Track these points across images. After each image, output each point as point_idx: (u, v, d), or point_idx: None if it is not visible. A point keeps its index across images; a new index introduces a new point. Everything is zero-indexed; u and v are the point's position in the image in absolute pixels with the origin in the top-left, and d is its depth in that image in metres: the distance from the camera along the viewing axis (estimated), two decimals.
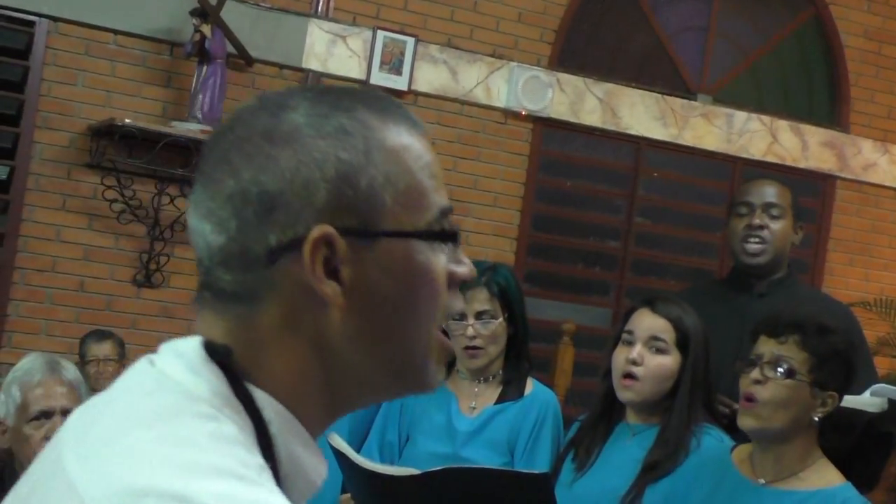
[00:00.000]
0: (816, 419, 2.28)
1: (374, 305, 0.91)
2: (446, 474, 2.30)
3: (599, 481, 2.58)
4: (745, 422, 2.31)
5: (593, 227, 6.08)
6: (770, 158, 6.19)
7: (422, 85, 5.51)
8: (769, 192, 3.13)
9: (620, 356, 2.61)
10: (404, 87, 5.44)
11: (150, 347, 3.58)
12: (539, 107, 5.72)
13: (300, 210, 0.88)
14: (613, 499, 2.51)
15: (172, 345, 0.92)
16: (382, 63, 5.43)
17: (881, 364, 5.40)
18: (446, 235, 0.94)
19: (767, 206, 3.09)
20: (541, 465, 2.67)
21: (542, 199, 5.89)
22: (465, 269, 0.96)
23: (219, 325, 0.91)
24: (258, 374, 0.89)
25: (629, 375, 2.59)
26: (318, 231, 0.88)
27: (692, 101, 6.09)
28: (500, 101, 5.66)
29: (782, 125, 6.24)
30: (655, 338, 2.60)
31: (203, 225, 0.91)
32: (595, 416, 2.69)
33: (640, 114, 5.96)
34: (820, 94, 6.43)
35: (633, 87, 5.96)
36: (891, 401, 2.68)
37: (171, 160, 4.86)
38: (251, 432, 0.86)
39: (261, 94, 0.96)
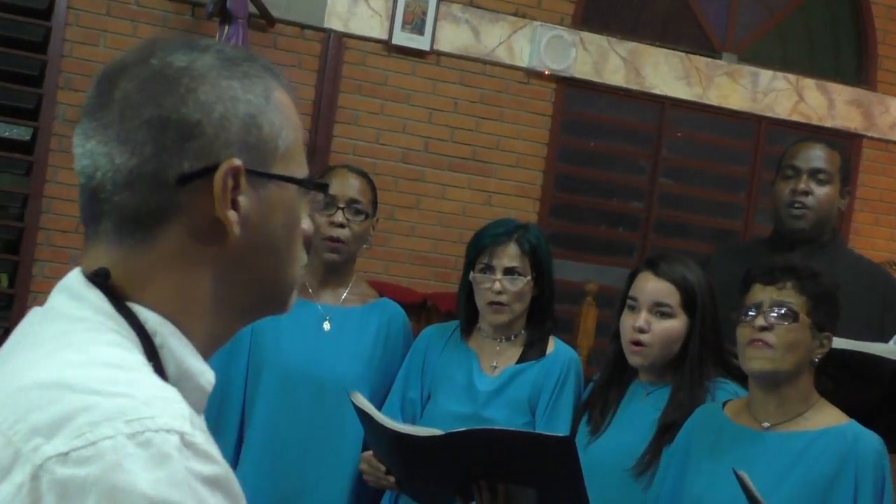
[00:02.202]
0: (816, 360, 2.32)
1: (260, 238, 1.00)
2: (469, 436, 2.30)
3: (615, 443, 2.58)
4: (756, 364, 2.32)
5: (616, 187, 6.05)
6: (796, 118, 6.12)
7: (444, 45, 5.47)
8: (817, 156, 3.07)
9: (627, 322, 2.60)
10: (426, 47, 5.41)
11: None
12: (562, 66, 5.67)
13: (214, 140, 0.96)
14: (630, 460, 2.51)
15: (56, 286, 1.00)
16: (405, 23, 5.40)
17: None
18: (320, 186, 1.08)
19: (814, 172, 3.05)
20: (562, 424, 2.67)
21: (564, 160, 5.86)
22: (308, 225, 1.07)
23: (108, 254, 0.97)
24: (144, 293, 0.96)
25: (637, 343, 2.57)
26: (230, 163, 0.96)
27: (717, 60, 6.03)
28: (523, 60, 5.62)
29: (808, 84, 6.17)
30: (659, 303, 2.58)
31: (109, 148, 0.96)
32: (606, 378, 2.69)
33: (664, 73, 5.90)
34: (846, 53, 6.35)
35: (657, 46, 5.90)
36: None
37: None
38: (136, 343, 0.94)
39: (162, 37, 1.05)
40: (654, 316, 2.57)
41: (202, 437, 0.86)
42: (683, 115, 6.04)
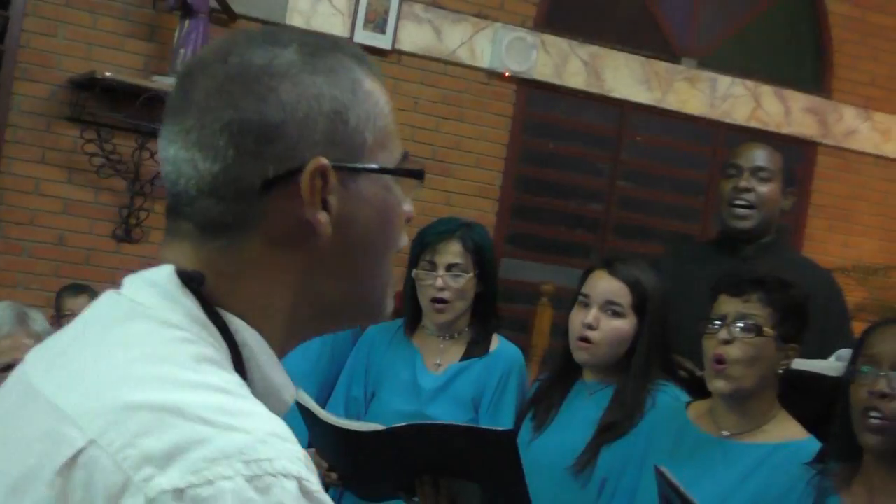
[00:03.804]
0: (780, 372, 2.31)
1: (354, 236, 0.95)
2: (411, 430, 2.31)
3: (557, 441, 2.60)
4: (718, 385, 2.32)
5: (576, 189, 6.09)
6: (753, 124, 6.19)
7: (406, 44, 5.49)
8: (758, 155, 3.12)
9: (577, 319, 2.61)
10: (388, 46, 5.42)
11: None
12: (523, 68, 5.70)
13: (298, 142, 0.92)
14: (570, 458, 2.52)
15: (139, 275, 0.95)
16: (366, 21, 5.41)
17: (858, 329, 5.42)
18: (416, 173, 1.00)
19: (756, 170, 3.09)
20: (505, 421, 2.68)
21: (525, 161, 5.89)
22: (410, 207, 1.02)
23: (195, 256, 0.93)
24: (232, 300, 0.92)
25: (585, 339, 2.59)
26: (316, 162, 0.91)
27: (676, 65, 6.08)
28: (485, 61, 5.65)
29: (766, 90, 6.24)
30: (611, 302, 2.59)
31: (192, 153, 0.92)
32: (553, 375, 2.70)
33: (625, 77, 5.95)
34: (805, 61, 6.42)
35: (618, 50, 5.94)
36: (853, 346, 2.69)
37: (153, 115, 4.83)
38: (227, 355, 0.90)
39: (244, 30, 0.99)
40: (604, 314, 2.58)
41: (316, 482, 0.83)
42: (643, 118, 6.09)
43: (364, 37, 5.37)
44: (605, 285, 2.60)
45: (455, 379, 2.77)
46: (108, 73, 4.71)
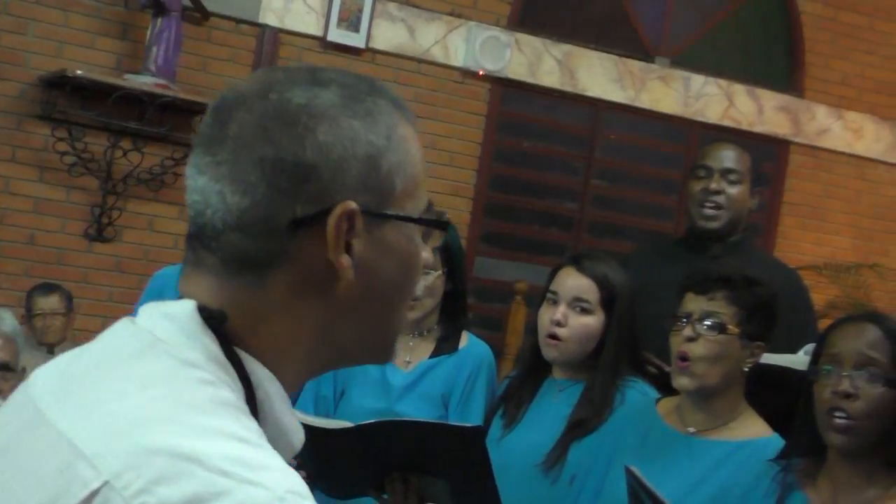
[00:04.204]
0: (745, 369, 2.32)
1: (375, 282, 0.95)
2: (380, 427, 2.31)
3: (526, 438, 2.60)
4: (682, 382, 2.33)
5: (550, 188, 6.10)
6: (726, 122, 6.22)
7: (379, 43, 5.48)
8: (728, 156, 3.14)
9: (545, 315, 2.61)
10: (361, 45, 5.42)
11: (102, 302, 3.65)
12: (497, 67, 5.71)
13: (330, 184, 0.91)
14: (540, 455, 2.52)
15: (158, 307, 0.93)
16: (340, 20, 5.40)
17: None
18: (440, 224, 1.02)
19: (725, 172, 3.11)
20: (474, 418, 2.69)
21: (499, 160, 5.90)
22: (428, 255, 1.01)
23: (217, 291, 0.92)
24: (251, 340, 0.91)
25: (553, 336, 2.59)
26: (345, 206, 0.90)
27: (650, 64, 6.10)
28: (458, 60, 5.65)
29: (738, 89, 6.27)
30: (579, 298, 2.59)
31: (221, 185, 0.91)
32: (523, 372, 2.71)
33: (598, 76, 5.96)
34: (777, 60, 6.46)
35: (592, 49, 5.96)
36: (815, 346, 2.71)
37: (125, 113, 4.83)
38: (243, 397, 0.88)
39: (284, 66, 0.98)
40: (572, 311, 2.58)
41: None
42: (616, 117, 6.11)
43: (337, 35, 5.37)
44: (573, 282, 2.61)
45: (424, 376, 2.77)
46: (79, 72, 4.70)
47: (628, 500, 2.13)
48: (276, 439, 0.89)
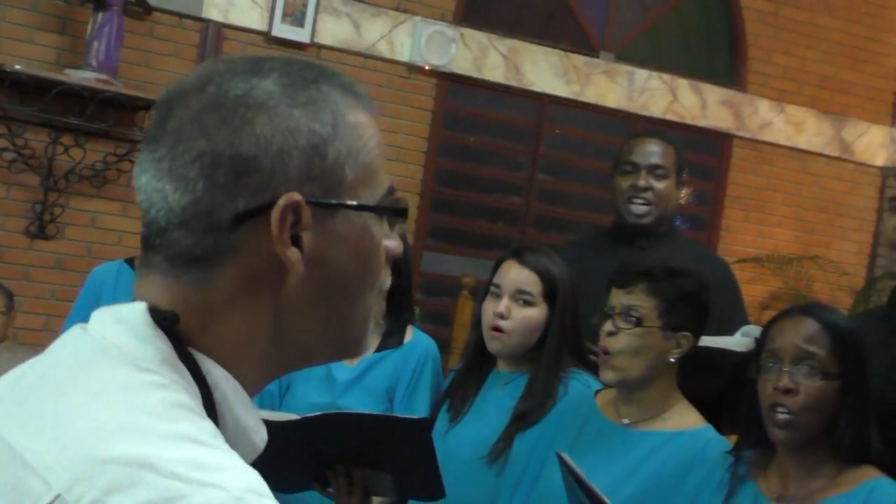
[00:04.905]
0: (672, 360, 2.34)
1: (329, 275, 0.92)
2: (325, 420, 2.31)
3: (472, 431, 2.61)
4: (605, 375, 2.38)
5: (496, 182, 6.12)
6: (670, 116, 6.27)
7: (324, 38, 5.46)
8: (654, 152, 3.17)
9: (489, 308, 2.63)
10: (306, 40, 5.39)
11: (43, 300, 3.60)
12: (443, 62, 5.71)
13: (271, 176, 0.88)
14: (485, 447, 2.54)
15: (110, 311, 0.91)
16: (285, 15, 5.38)
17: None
18: (398, 212, 0.97)
19: (652, 168, 3.15)
20: (420, 412, 2.69)
21: (445, 155, 5.90)
22: (395, 244, 0.98)
23: (167, 290, 0.90)
24: (204, 339, 0.89)
25: (497, 328, 2.61)
26: (288, 198, 0.88)
27: (594, 59, 6.14)
28: (404, 55, 5.65)
29: (682, 84, 6.33)
30: (522, 291, 2.61)
31: (162, 184, 0.89)
32: (467, 365, 2.72)
33: (543, 70, 5.99)
34: (719, 54, 6.53)
35: (537, 44, 5.98)
36: (757, 341, 2.76)
37: (66, 109, 4.77)
38: (198, 399, 0.86)
39: (226, 57, 0.97)
40: (515, 303, 2.60)
41: None
42: (562, 112, 6.14)
43: (282, 30, 5.35)
44: (515, 275, 2.63)
45: (369, 370, 2.77)
46: (17, 66, 4.63)
47: (564, 486, 2.15)
48: (235, 440, 0.88)
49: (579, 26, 6.17)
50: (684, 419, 2.36)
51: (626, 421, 2.40)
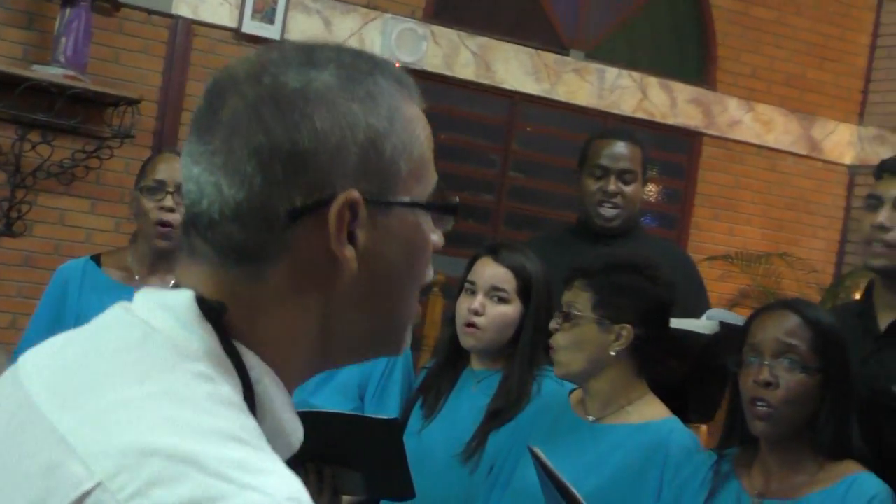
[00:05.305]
0: (613, 353, 2.35)
1: (380, 271, 0.91)
2: None
3: (446, 429, 2.61)
4: (555, 371, 2.44)
5: (467, 180, 6.12)
6: (640, 115, 6.30)
7: (294, 35, 5.44)
8: (623, 156, 3.17)
9: (463, 305, 2.64)
10: (276, 37, 5.37)
11: (10, 297, 3.56)
12: (413, 59, 5.71)
13: (329, 172, 0.87)
14: (459, 446, 2.54)
15: (155, 296, 0.89)
16: (255, 11, 5.35)
17: (742, 315, 5.56)
18: (450, 208, 0.96)
19: (622, 173, 3.15)
20: (390, 410, 2.68)
21: None
22: (439, 239, 0.97)
23: (214, 281, 0.88)
24: (249, 333, 0.88)
25: (471, 325, 2.61)
26: (346, 195, 0.87)
27: (565, 57, 6.15)
28: (374, 52, 5.62)
29: (652, 82, 6.35)
30: (496, 288, 2.61)
31: (216, 177, 0.87)
32: (441, 363, 2.72)
33: (514, 68, 6.00)
34: (689, 53, 6.57)
35: (508, 42, 5.99)
36: (722, 324, 2.78)
37: (34, 105, 4.72)
38: (240, 393, 0.85)
39: (277, 44, 0.93)
40: (489, 300, 2.61)
41: None
42: (533, 110, 6.15)
43: (253, 27, 5.32)
44: (490, 272, 2.63)
45: (340, 368, 2.76)
46: None
47: (538, 480, 2.16)
48: (273, 437, 0.86)
49: (550, 24, 6.18)
50: (648, 412, 2.39)
51: (591, 417, 2.42)
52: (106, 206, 5.02)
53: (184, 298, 0.87)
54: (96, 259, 2.93)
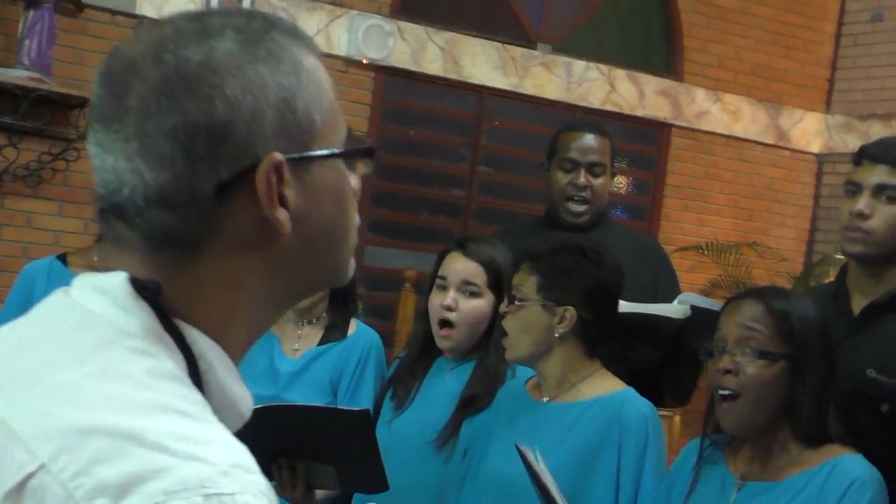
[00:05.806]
0: (557, 335, 2.37)
1: (314, 225, 0.91)
2: (267, 412, 2.30)
3: (419, 416, 2.62)
4: (506, 355, 2.46)
5: (437, 175, 6.12)
6: (608, 107, 6.31)
7: None
8: (592, 149, 3.17)
9: (435, 301, 2.64)
10: None
11: None
12: (380, 55, 5.70)
13: (248, 139, 0.86)
14: (432, 433, 2.55)
15: (90, 280, 0.88)
16: None
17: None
18: (367, 151, 0.96)
19: (591, 166, 3.15)
20: (364, 404, 2.68)
21: (385, 149, 5.89)
22: (356, 182, 0.97)
23: (147, 266, 0.87)
24: (189, 310, 0.87)
25: (445, 323, 2.61)
26: (270, 159, 0.86)
27: (532, 51, 6.16)
28: (341, 49, 5.62)
29: (620, 74, 6.37)
30: (468, 282, 2.62)
31: (134, 163, 0.85)
32: (413, 355, 2.73)
33: (482, 63, 6.00)
34: (656, 44, 6.59)
35: (475, 37, 5.99)
36: (694, 308, 2.79)
37: None
38: (184, 368, 0.85)
39: (167, 19, 0.91)
40: (461, 295, 2.62)
41: None
42: (501, 104, 6.15)
43: None
44: (460, 266, 2.64)
45: (313, 363, 2.77)
46: None
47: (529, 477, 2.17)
48: (221, 409, 0.87)
49: (516, 18, 6.18)
50: (600, 386, 2.39)
51: (545, 398, 2.42)
52: (74, 208, 4.98)
53: (118, 281, 0.86)
54: (62, 258, 2.92)
